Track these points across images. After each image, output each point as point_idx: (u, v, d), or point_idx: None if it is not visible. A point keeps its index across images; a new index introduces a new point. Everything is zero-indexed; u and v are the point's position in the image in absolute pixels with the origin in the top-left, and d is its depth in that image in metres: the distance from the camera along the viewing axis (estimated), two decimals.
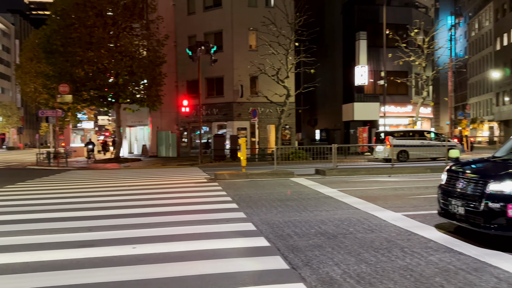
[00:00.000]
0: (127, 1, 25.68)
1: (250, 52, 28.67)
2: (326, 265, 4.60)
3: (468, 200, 5.38)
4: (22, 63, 42.41)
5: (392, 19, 29.81)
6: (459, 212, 5.52)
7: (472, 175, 5.63)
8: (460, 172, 5.84)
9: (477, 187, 5.32)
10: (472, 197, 5.34)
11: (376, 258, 4.82)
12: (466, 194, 5.45)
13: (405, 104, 32.14)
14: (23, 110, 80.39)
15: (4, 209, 8.55)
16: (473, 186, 5.39)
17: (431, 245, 5.33)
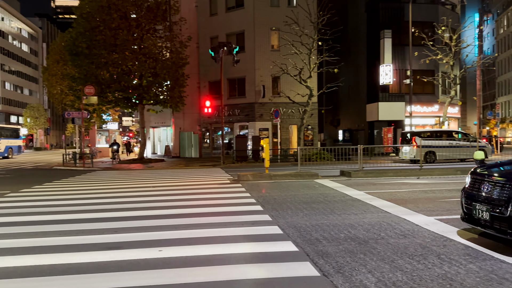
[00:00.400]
0: (151, 3, 25.94)
1: (272, 52, 28.52)
2: (359, 272, 4.39)
3: (493, 204, 5.05)
4: (49, 65, 43.51)
5: (417, 17, 29.11)
6: (484, 217, 5.20)
7: (498, 178, 5.27)
8: (486, 175, 5.49)
9: (503, 191, 4.99)
10: (498, 201, 5.00)
11: (412, 265, 4.58)
12: (491, 198, 5.13)
13: (431, 103, 31.34)
14: (50, 112, 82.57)
15: (32, 210, 8.65)
16: (500, 190, 5.05)
17: (469, 252, 5.05)
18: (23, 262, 4.97)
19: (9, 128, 37.90)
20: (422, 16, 30.24)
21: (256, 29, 28.75)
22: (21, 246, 5.72)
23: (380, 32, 30.70)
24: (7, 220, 7.55)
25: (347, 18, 36.15)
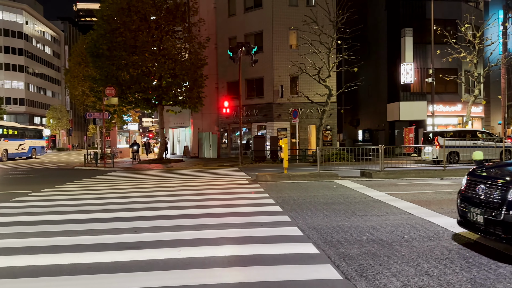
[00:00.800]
0: (170, 5, 26.14)
1: (291, 51, 28.38)
2: (383, 276, 4.25)
3: (487, 207, 4.79)
4: (71, 67, 44.38)
5: (440, 14, 28.50)
6: (478, 221, 4.95)
7: (494, 179, 4.98)
8: (482, 176, 5.23)
9: (498, 194, 4.72)
10: (492, 204, 4.74)
11: (438, 269, 4.41)
12: (485, 201, 4.86)
13: (454, 102, 30.63)
14: (72, 113, 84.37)
15: (53, 209, 8.77)
16: (494, 192, 4.79)
17: (498, 256, 4.84)
18: (44, 261, 5.00)
19: (33, 129, 38.81)
20: (444, 14, 29.59)
21: (274, 29, 28.65)
22: (42, 245, 5.78)
23: (401, 31, 30.17)
24: (28, 219, 7.67)
25: (367, 17, 35.68)
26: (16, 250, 5.51)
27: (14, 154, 33.13)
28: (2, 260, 5.08)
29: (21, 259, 5.08)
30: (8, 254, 5.32)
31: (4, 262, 4.99)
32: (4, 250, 5.55)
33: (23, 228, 6.90)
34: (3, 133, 31.65)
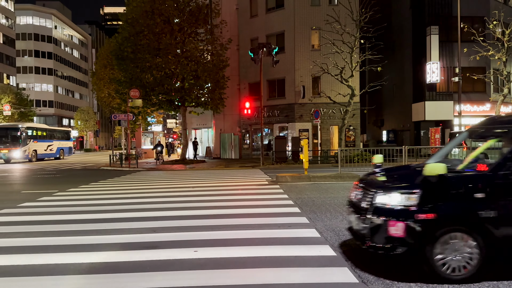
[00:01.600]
0: (193, 7, 26.39)
1: (313, 51, 28.18)
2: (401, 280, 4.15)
3: (360, 212, 4.63)
4: (97, 70, 45.44)
5: (466, 12, 27.68)
6: (354, 227, 4.79)
7: (369, 184, 4.80)
8: (363, 181, 5.06)
9: (368, 199, 4.57)
10: (363, 209, 4.58)
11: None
12: (359, 206, 4.71)
13: (482, 102, 29.70)
14: (99, 115, 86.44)
15: (76, 209, 8.98)
16: (366, 197, 4.63)
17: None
18: (63, 259, 5.12)
19: (61, 130, 39.95)
20: (471, 11, 28.74)
21: (296, 29, 28.52)
22: (62, 244, 5.92)
23: (426, 29, 29.50)
24: (51, 218, 7.87)
25: (391, 15, 35.07)
26: (37, 249, 5.66)
27: (43, 155, 34.18)
28: (24, 258, 5.23)
29: (42, 257, 5.22)
30: (30, 252, 5.47)
31: (26, 260, 5.13)
32: (26, 248, 5.71)
33: (45, 227, 7.09)
34: (33, 135, 32.71)
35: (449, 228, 4.08)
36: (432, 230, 4.06)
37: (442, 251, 4.07)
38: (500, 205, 4.05)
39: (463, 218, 4.09)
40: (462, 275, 4.07)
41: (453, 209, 4.08)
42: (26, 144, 31.39)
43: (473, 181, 4.20)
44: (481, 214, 4.03)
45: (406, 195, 4.18)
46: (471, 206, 4.06)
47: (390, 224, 4.17)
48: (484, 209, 4.04)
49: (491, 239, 4.05)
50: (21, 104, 50.59)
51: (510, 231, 4.06)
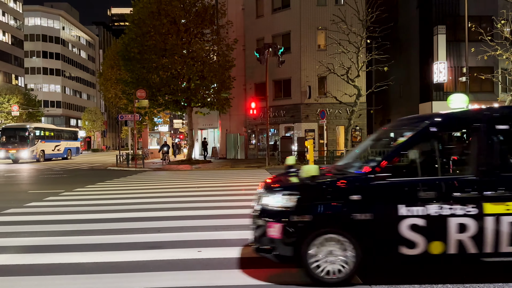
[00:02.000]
0: (199, 8, 26.45)
1: (319, 52, 28.12)
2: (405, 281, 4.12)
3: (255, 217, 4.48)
4: (104, 70, 45.71)
5: (474, 11, 27.45)
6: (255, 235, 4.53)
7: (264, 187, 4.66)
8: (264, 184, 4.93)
9: (258, 200, 4.50)
10: (254, 211, 4.52)
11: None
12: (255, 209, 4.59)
13: (490, 102, 29.39)
14: (106, 115, 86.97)
15: (81, 208, 9.03)
16: (257, 199, 4.55)
17: None
18: (68, 259, 5.15)
19: (68, 131, 40.25)
20: (479, 10, 28.50)
21: (302, 29, 28.47)
22: (68, 243, 5.96)
23: (434, 28, 29.30)
24: (56, 218, 7.92)
25: (398, 15, 34.89)
26: (42, 248, 5.70)
27: (51, 155, 34.46)
28: (29, 257, 5.27)
29: (47, 257, 5.25)
30: (35, 252, 5.51)
31: (31, 259, 5.17)
32: (32, 248, 5.75)
33: (50, 226, 7.14)
34: (41, 135, 32.98)
35: (324, 230, 4.01)
36: (307, 232, 4.00)
37: (317, 253, 4.01)
38: (376, 208, 3.97)
39: (338, 221, 4.01)
40: (336, 278, 4.00)
41: (328, 211, 4.01)
42: (34, 144, 31.66)
43: (349, 183, 4.15)
44: (356, 217, 3.95)
45: (287, 196, 4.13)
46: (346, 208, 3.98)
47: (269, 225, 4.13)
48: (360, 211, 3.96)
49: (367, 242, 3.97)
50: (29, 105, 51.06)
51: (386, 235, 3.97)
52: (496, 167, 4.04)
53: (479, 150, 4.12)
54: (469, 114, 4.51)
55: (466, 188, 3.98)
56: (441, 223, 3.93)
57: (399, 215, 3.93)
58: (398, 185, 4.03)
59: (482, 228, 3.92)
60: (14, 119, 46.45)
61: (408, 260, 4.00)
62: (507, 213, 3.92)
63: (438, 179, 4.19)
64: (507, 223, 3.91)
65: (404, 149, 4.26)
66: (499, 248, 3.95)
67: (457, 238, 3.93)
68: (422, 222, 3.92)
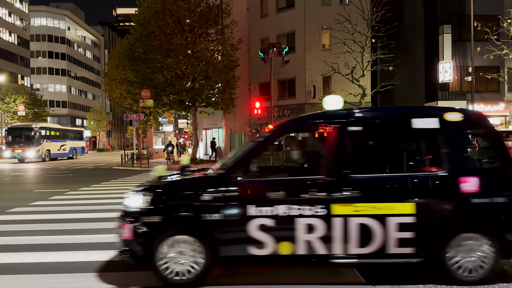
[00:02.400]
0: (203, 8, 26.49)
1: (323, 51, 28.06)
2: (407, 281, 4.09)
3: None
4: (109, 70, 45.91)
5: (480, 10, 27.27)
6: None
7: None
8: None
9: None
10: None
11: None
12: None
13: (496, 102, 29.24)
14: (111, 115, 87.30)
15: (86, 207, 9.07)
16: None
17: None
18: (72, 258, 5.17)
19: (74, 131, 40.46)
20: (485, 9, 28.31)
21: (307, 29, 28.43)
22: (72, 242, 5.98)
23: (439, 28, 29.16)
24: (61, 217, 7.96)
25: (403, 14, 34.76)
26: (46, 247, 5.73)
27: (56, 155, 34.65)
28: (33, 256, 5.29)
29: (51, 256, 5.28)
30: (39, 251, 5.54)
31: (35, 258, 5.19)
32: (36, 246, 5.78)
33: (54, 225, 7.17)
34: (46, 135, 33.18)
35: (174, 232, 3.97)
36: (157, 233, 3.96)
37: (167, 255, 3.96)
38: (226, 208, 3.94)
39: (188, 222, 3.97)
40: (186, 279, 3.95)
41: (179, 212, 3.98)
42: (40, 144, 31.84)
43: (200, 184, 4.14)
44: (206, 217, 3.92)
45: (144, 197, 4.09)
46: (196, 209, 3.95)
47: (123, 227, 4.09)
48: (209, 212, 3.92)
49: (217, 243, 3.94)
50: (35, 105, 51.38)
51: (235, 235, 3.95)
52: (345, 168, 4.03)
53: (330, 151, 4.12)
54: (322, 116, 4.48)
55: (314, 189, 3.97)
56: (290, 224, 3.91)
57: (248, 215, 3.91)
58: (248, 186, 4.02)
59: (330, 229, 3.91)
60: (20, 119, 46.76)
61: (258, 261, 3.99)
62: (355, 214, 3.91)
63: (288, 179, 4.28)
64: (355, 224, 3.90)
65: (257, 151, 4.27)
66: (348, 250, 3.93)
67: (305, 238, 3.92)
68: (271, 222, 3.91)
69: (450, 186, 3.99)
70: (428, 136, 4.25)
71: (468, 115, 4.34)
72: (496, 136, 4.19)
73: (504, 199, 3.99)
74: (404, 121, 4.28)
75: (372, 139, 4.49)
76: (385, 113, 4.60)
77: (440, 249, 3.95)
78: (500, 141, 4.17)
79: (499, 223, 3.99)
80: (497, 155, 4.18)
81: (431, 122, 4.16)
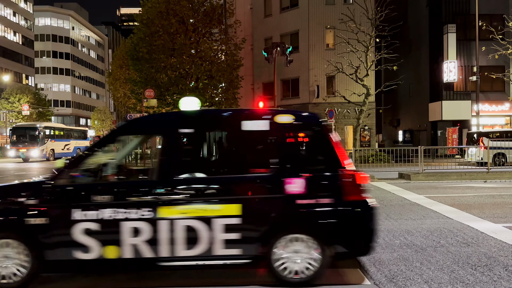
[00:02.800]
0: (207, 8, 26.48)
1: (327, 51, 28.00)
2: (414, 282, 4.07)
3: None
4: (113, 70, 45.98)
5: (485, 9, 27.14)
6: None
7: None
8: None
9: None
10: None
11: (475, 277, 4.17)
12: None
13: (501, 101, 29.09)
14: (115, 114, 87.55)
15: None
16: None
17: None
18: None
19: (78, 130, 40.62)
20: (490, 9, 28.17)
21: (311, 28, 28.37)
22: None
23: (444, 27, 29.04)
24: None
25: (407, 13, 34.63)
26: None
27: (60, 154, 34.73)
28: None
29: None
30: None
31: None
32: None
33: None
34: (50, 134, 33.30)
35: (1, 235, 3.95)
36: None
37: None
38: (51, 213, 3.90)
39: (13, 225, 3.95)
40: (13, 282, 3.90)
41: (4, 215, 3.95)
42: (44, 143, 31.96)
43: (26, 188, 4.14)
44: (30, 221, 3.87)
45: None
46: (21, 213, 3.91)
47: None
48: (35, 216, 3.88)
49: (42, 247, 3.88)
50: (39, 104, 51.57)
51: (61, 240, 3.90)
52: (172, 171, 4.02)
53: (159, 154, 4.11)
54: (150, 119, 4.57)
55: (140, 192, 3.96)
56: (114, 227, 3.88)
57: (73, 219, 3.88)
58: (74, 190, 4.02)
59: (157, 232, 3.87)
60: (24, 119, 46.95)
61: (85, 265, 3.96)
62: (182, 217, 3.88)
63: (114, 183, 4.22)
64: (181, 227, 3.87)
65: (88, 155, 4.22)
66: (175, 252, 3.90)
67: (131, 242, 3.88)
68: (96, 226, 3.87)
69: (275, 187, 3.99)
70: (258, 138, 4.28)
71: (300, 117, 4.34)
72: (327, 139, 4.17)
73: (330, 200, 4.00)
74: (234, 123, 4.29)
75: (201, 141, 4.51)
76: (214, 116, 4.70)
77: (267, 251, 3.95)
78: (329, 143, 4.14)
79: (325, 224, 4.00)
80: (326, 157, 4.16)
81: (261, 124, 4.16)
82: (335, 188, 4.04)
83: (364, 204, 4.07)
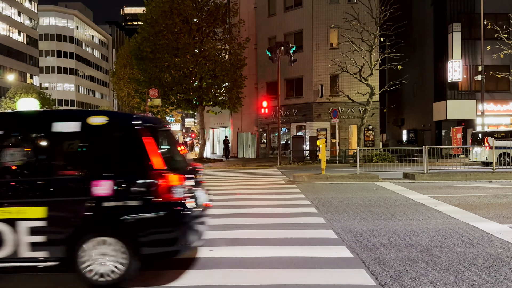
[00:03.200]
0: (211, 7, 26.48)
1: (331, 50, 27.92)
2: (420, 283, 4.03)
3: None
4: (117, 70, 46.10)
5: (490, 8, 26.96)
6: None
7: None
8: None
9: None
10: None
11: (481, 277, 4.13)
12: None
13: (506, 101, 28.90)
14: None
15: None
16: None
17: None
18: None
19: None
20: (495, 7, 27.97)
21: (315, 28, 28.29)
22: None
23: (448, 26, 28.87)
24: None
25: (411, 12, 34.48)
26: None
27: None
28: None
29: None
30: None
31: None
32: None
33: None
34: None
35: None
36: None
37: None
38: None
39: None
40: None
41: None
42: None
43: None
44: None
45: None
46: None
47: None
48: None
49: None
50: (43, 104, 51.75)
51: None
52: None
53: None
54: None
55: None
56: None
57: None
58: None
59: None
60: None
61: None
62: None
63: None
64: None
65: None
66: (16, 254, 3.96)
67: None
68: None
69: (83, 189, 3.99)
70: (69, 139, 4.29)
71: (114, 118, 4.34)
72: (139, 140, 4.13)
73: (138, 202, 4.00)
74: (44, 124, 4.25)
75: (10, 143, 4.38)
76: (23, 116, 4.64)
77: (74, 253, 3.93)
78: (142, 145, 4.10)
79: (133, 226, 3.98)
80: (137, 158, 4.14)
81: (71, 126, 4.16)
82: (144, 190, 4.05)
83: (176, 205, 4.08)
